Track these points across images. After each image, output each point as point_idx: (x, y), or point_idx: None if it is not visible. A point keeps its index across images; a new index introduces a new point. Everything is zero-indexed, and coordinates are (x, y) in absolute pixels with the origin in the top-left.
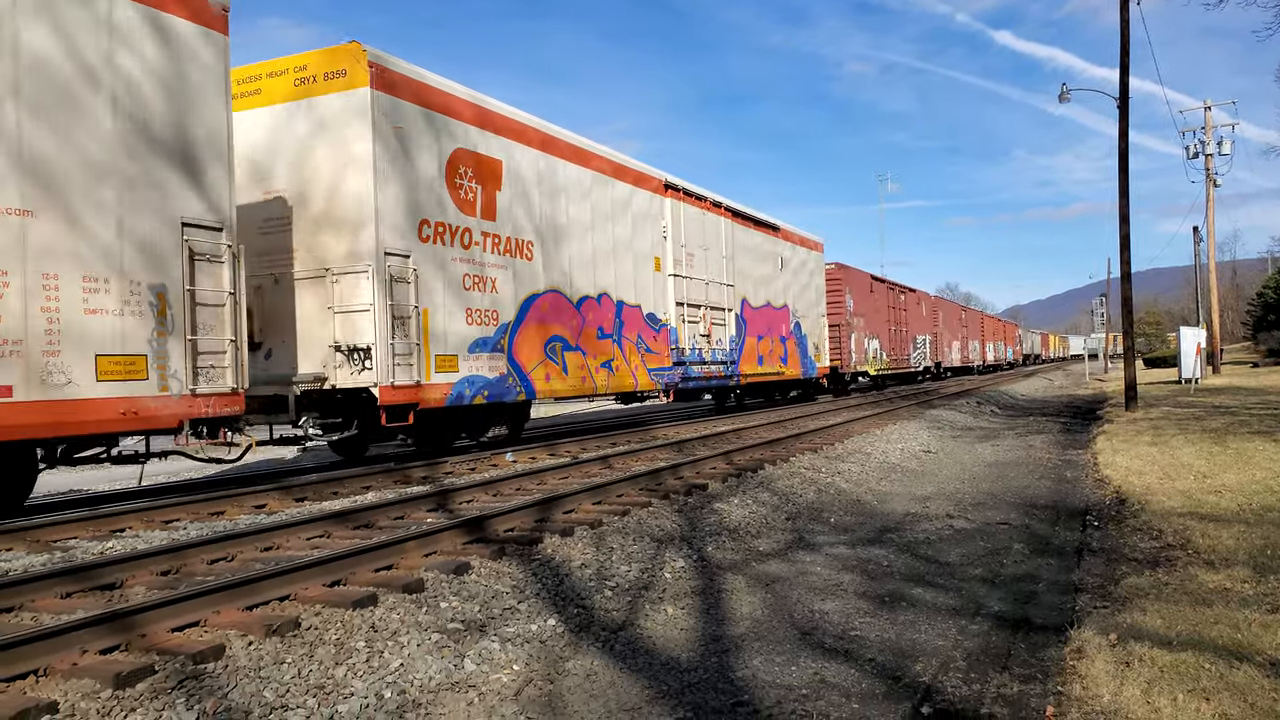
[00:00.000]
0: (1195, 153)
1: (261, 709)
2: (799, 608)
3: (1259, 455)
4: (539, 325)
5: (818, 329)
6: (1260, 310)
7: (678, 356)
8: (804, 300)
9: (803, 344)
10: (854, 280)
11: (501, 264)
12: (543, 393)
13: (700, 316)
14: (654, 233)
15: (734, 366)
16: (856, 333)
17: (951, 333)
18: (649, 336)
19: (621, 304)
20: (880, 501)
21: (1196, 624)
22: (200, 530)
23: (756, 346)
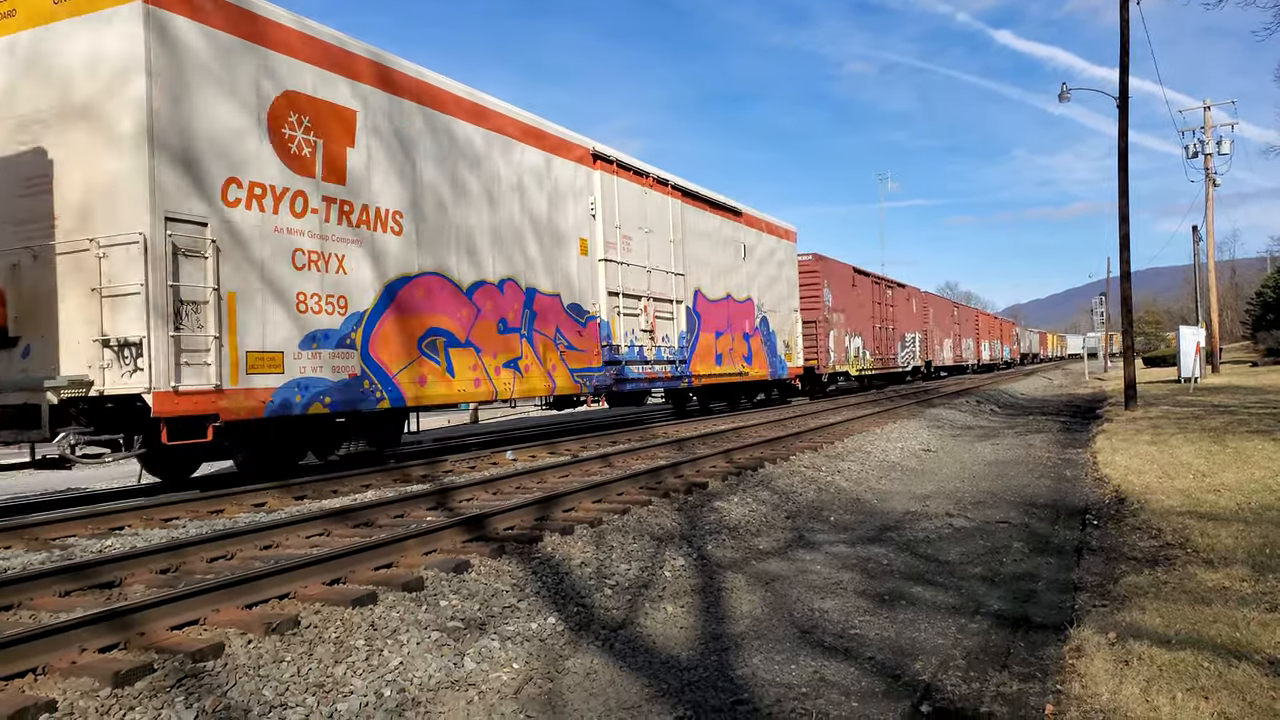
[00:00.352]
0: (1195, 152)
1: (261, 707)
2: (799, 606)
3: (1258, 454)
4: (411, 316)
5: (789, 325)
6: (1259, 309)
7: (611, 354)
8: (772, 294)
9: (770, 342)
10: (833, 273)
11: (353, 238)
12: (417, 399)
13: (641, 309)
14: (579, 210)
15: (685, 366)
16: (836, 330)
17: (943, 330)
18: (571, 331)
19: (533, 292)
20: (880, 500)
21: (1195, 623)
22: (199, 528)
23: (714, 344)
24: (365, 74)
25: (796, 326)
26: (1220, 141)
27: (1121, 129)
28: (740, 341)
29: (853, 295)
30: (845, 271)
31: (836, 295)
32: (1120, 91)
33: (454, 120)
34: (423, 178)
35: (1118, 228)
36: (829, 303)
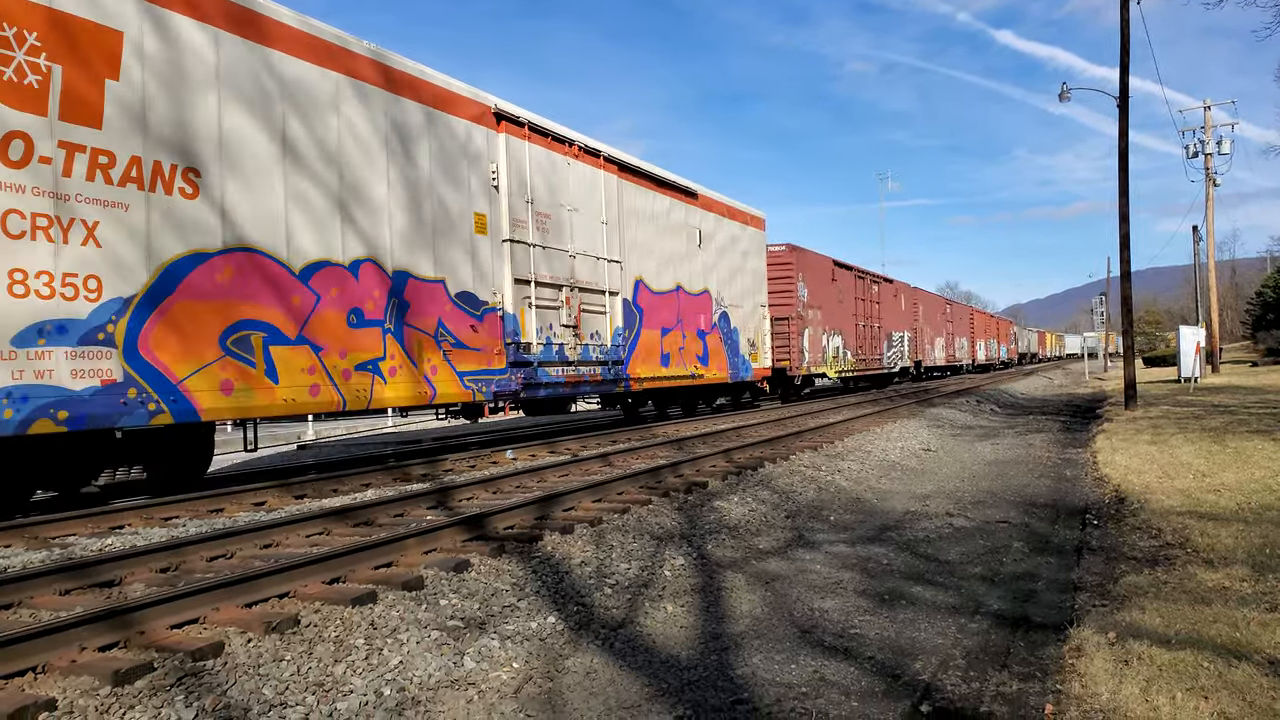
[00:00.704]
0: (1195, 152)
1: (261, 706)
2: (799, 606)
3: (1258, 454)
4: (210, 304)
5: (755, 322)
6: (1259, 309)
7: (518, 354)
8: (735, 286)
9: (731, 340)
10: (809, 265)
11: (115, 200)
12: (216, 411)
13: (561, 300)
14: (476, 179)
15: (621, 368)
16: (812, 328)
17: (935, 329)
18: (461, 326)
19: (405, 277)
20: (880, 499)
21: (1195, 622)
22: (199, 527)
23: (660, 342)
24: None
25: (764, 324)
26: (1220, 141)
27: (1122, 129)
28: (694, 340)
29: (832, 290)
30: (823, 264)
31: (813, 290)
32: (1120, 91)
33: (285, 57)
34: (233, 125)
35: (1118, 227)
36: (804, 298)
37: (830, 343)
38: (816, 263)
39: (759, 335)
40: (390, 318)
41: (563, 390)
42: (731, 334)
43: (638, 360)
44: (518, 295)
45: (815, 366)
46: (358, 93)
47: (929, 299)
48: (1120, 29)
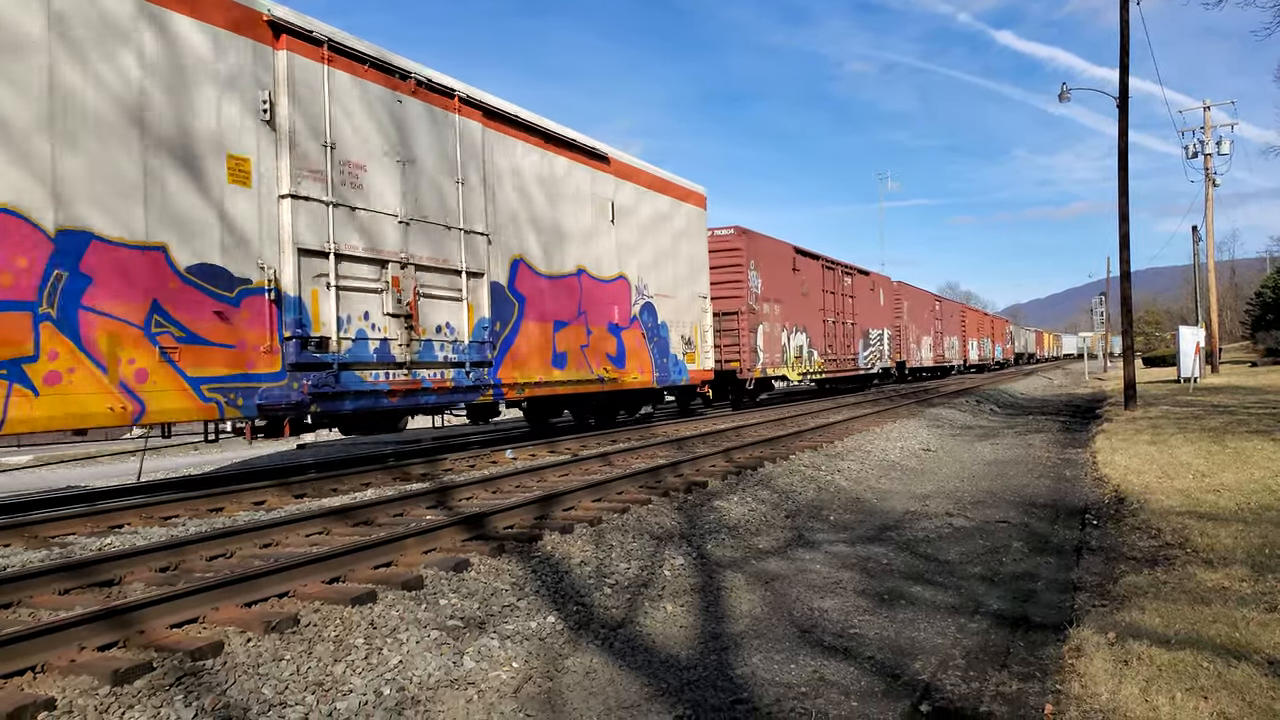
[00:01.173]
0: (1194, 152)
1: (260, 706)
2: (798, 605)
3: (1257, 454)
4: None
5: (692, 316)
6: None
7: (304, 352)
8: (664, 273)
9: (658, 336)
10: (764, 252)
11: None
12: None
13: (385, 281)
14: (233, 108)
15: (489, 371)
16: (769, 324)
17: (922, 327)
18: (196, 312)
19: (83, 240)
20: (880, 499)
21: (1195, 623)
22: (199, 526)
23: (552, 339)
24: None
25: (705, 318)
26: (1220, 141)
27: (1121, 129)
28: (604, 336)
29: (794, 282)
30: (782, 251)
31: (769, 280)
32: (1120, 91)
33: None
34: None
35: (1118, 227)
36: (757, 289)
37: (792, 341)
38: (773, 250)
39: (697, 332)
40: (49, 299)
41: (386, 401)
42: (658, 330)
43: (516, 361)
44: (307, 272)
45: (773, 368)
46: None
47: (914, 294)
48: (1120, 29)
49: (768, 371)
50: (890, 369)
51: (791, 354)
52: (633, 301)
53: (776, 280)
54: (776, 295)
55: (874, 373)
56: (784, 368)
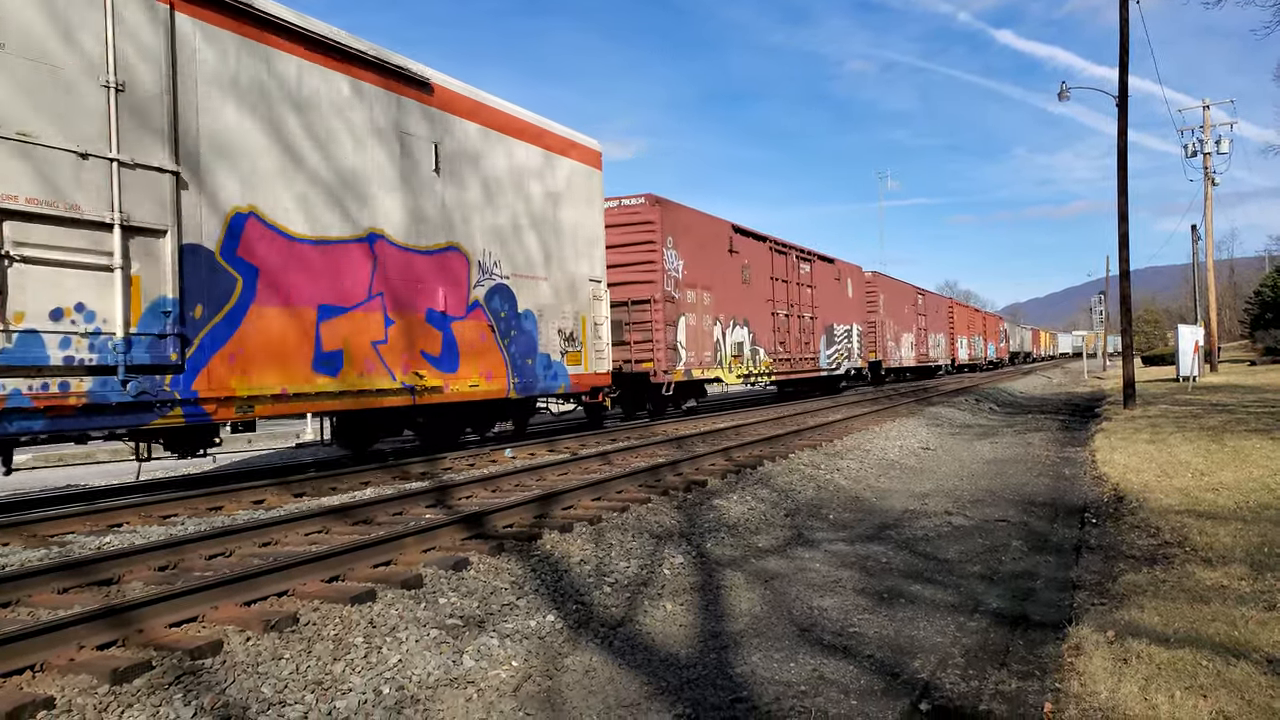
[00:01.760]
0: (1193, 151)
1: (259, 705)
2: (798, 604)
3: (1256, 453)
4: None
5: (578, 304)
6: (1257, 308)
7: None
8: (530, 248)
9: (519, 331)
10: (687, 228)
11: None
12: None
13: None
14: None
15: (180, 380)
16: (694, 315)
17: (901, 323)
18: None
19: None
20: (879, 498)
21: (1194, 621)
22: (198, 525)
23: (313, 332)
24: None
25: (599, 308)
26: (1219, 141)
27: (1121, 128)
28: (419, 328)
29: (731, 266)
30: (714, 229)
31: (696, 263)
32: (1119, 90)
33: None
34: None
35: (1117, 226)
36: (677, 273)
37: (729, 337)
38: (702, 226)
39: (587, 326)
40: None
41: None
42: (519, 322)
43: (239, 363)
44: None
45: (701, 369)
46: None
47: (893, 286)
48: (1119, 28)
49: (693, 373)
50: (862, 369)
51: (728, 352)
52: (473, 283)
53: (706, 263)
54: (706, 281)
55: (839, 374)
56: (717, 368)
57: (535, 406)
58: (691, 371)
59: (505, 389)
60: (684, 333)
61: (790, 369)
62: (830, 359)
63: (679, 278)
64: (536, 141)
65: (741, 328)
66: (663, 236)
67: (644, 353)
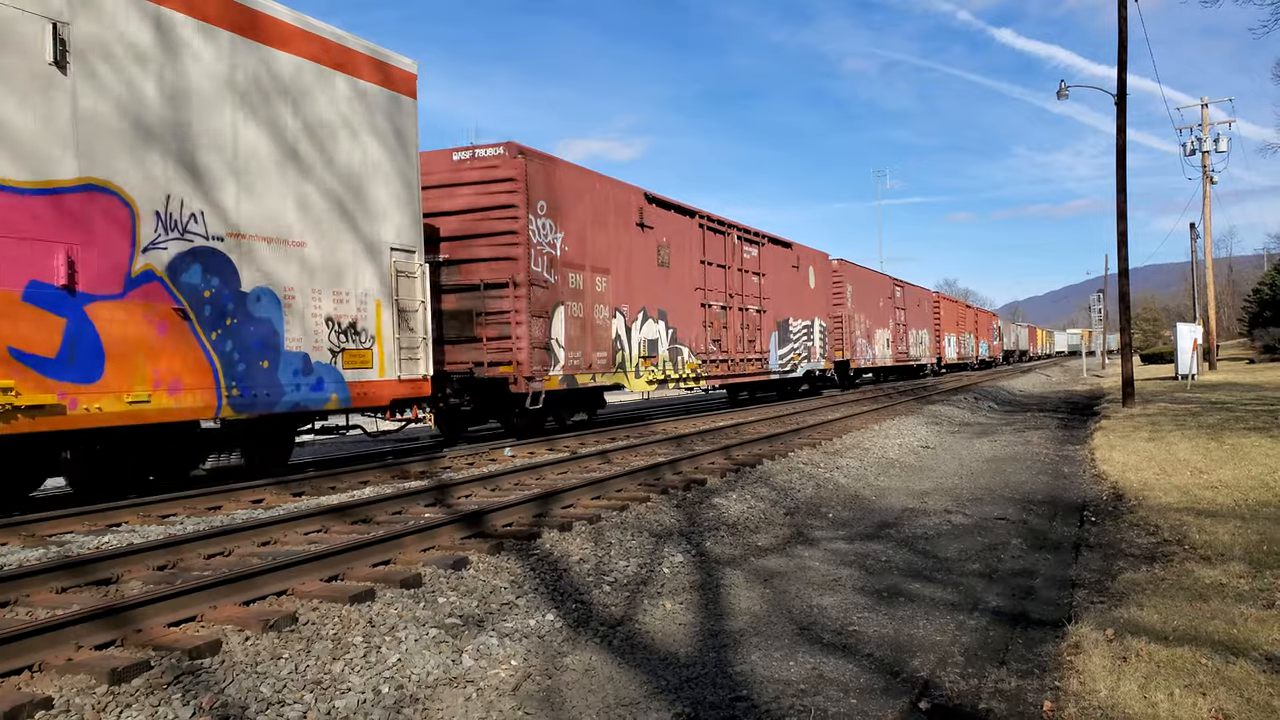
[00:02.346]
0: (1192, 149)
1: (259, 704)
2: (797, 603)
3: (1255, 451)
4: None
5: (366, 284)
6: (1256, 307)
7: None
8: (268, 195)
9: (240, 319)
10: (571, 192)
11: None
12: None
13: None
14: None
15: None
16: (581, 305)
17: (875, 318)
18: None
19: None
20: (878, 496)
21: (1193, 619)
22: (197, 525)
23: None
24: None
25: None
26: (1218, 139)
27: (1120, 126)
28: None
29: (640, 245)
30: (614, 196)
31: (583, 237)
32: (1118, 89)
33: None
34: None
35: (1116, 224)
36: (553, 249)
37: (637, 333)
38: (595, 191)
39: (380, 313)
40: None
41: None
42: (243, 305)
43: None
44: None
45: (591, 372)
46: None
47: (865, 277)
48: (1118, 27)
49: (578, 379)
50: (826, 371)
51: (634, 352)
52: (143, 243)
53: (601, 238)
54: (600, 261)
55: (795, 377)
56: (617, 373)
57: (294, 429)
58: (575, 377)
59: (212, 405)
60: (562, 326)
61: (728, 372)
62: (783, 359)
63: (555, 255)
64: (292, 44)
65: (656, 322)
66: (529, 200)
67: (501, 352)
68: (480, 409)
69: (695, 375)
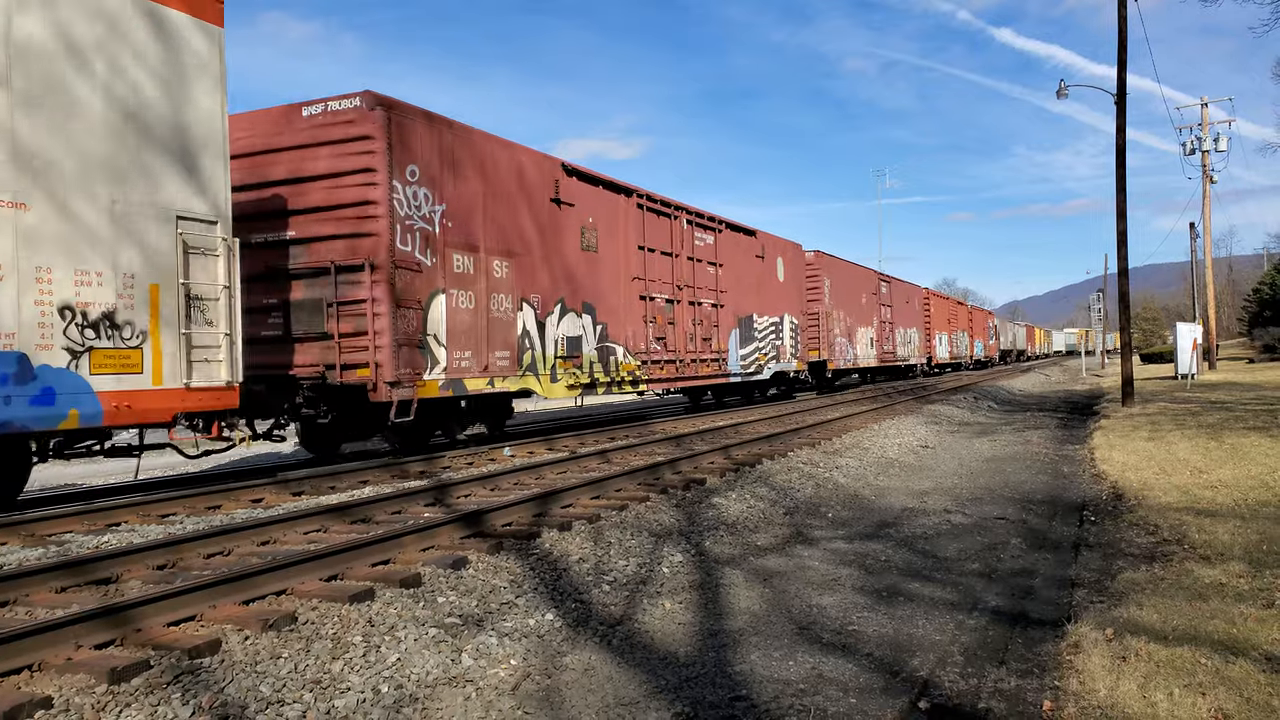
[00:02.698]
0: (1192, 149)
1: (258, 704)
2: (797, 602)
3: (1254, 450)
4: None
5: (130, 260)
6: (1256, 306)
7: None
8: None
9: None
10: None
11: None
12: None
13: None
14: None
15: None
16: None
17: (856, 315)
18: None
19: None
20: (878, 496)
21: (1193, 619)
22: (196, 524)
23: None
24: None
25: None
26: (1217, 138)
27: (1119, 125)
28: None
29: (558, 225)
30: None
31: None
32: (1118, 88)
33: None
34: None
35: (1115, 224)
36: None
37: (553, 328)
38: (493, 157)
39: (156, 300)
40: None
41: None
42: None
43: None
44: None
45: (487, 376)
46: None
47: (845, 270)
48: (1117, 26)
49: (466, 384)
50: (799, 372)
51: (549, 350)
52: None
53: (502, 214)
54: (502, 243)
55: (760, 379)
56: (525, 376)
57: (17, 457)
58: (464, 381)
59: None
60: (444, 320)
61: (677, 374)
62: (747, 360)
63: (433, 232)
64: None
65: (580, 316)
66: (394, 163)
67: (357, 352)
68: (345, 422)
69: (633, 378)
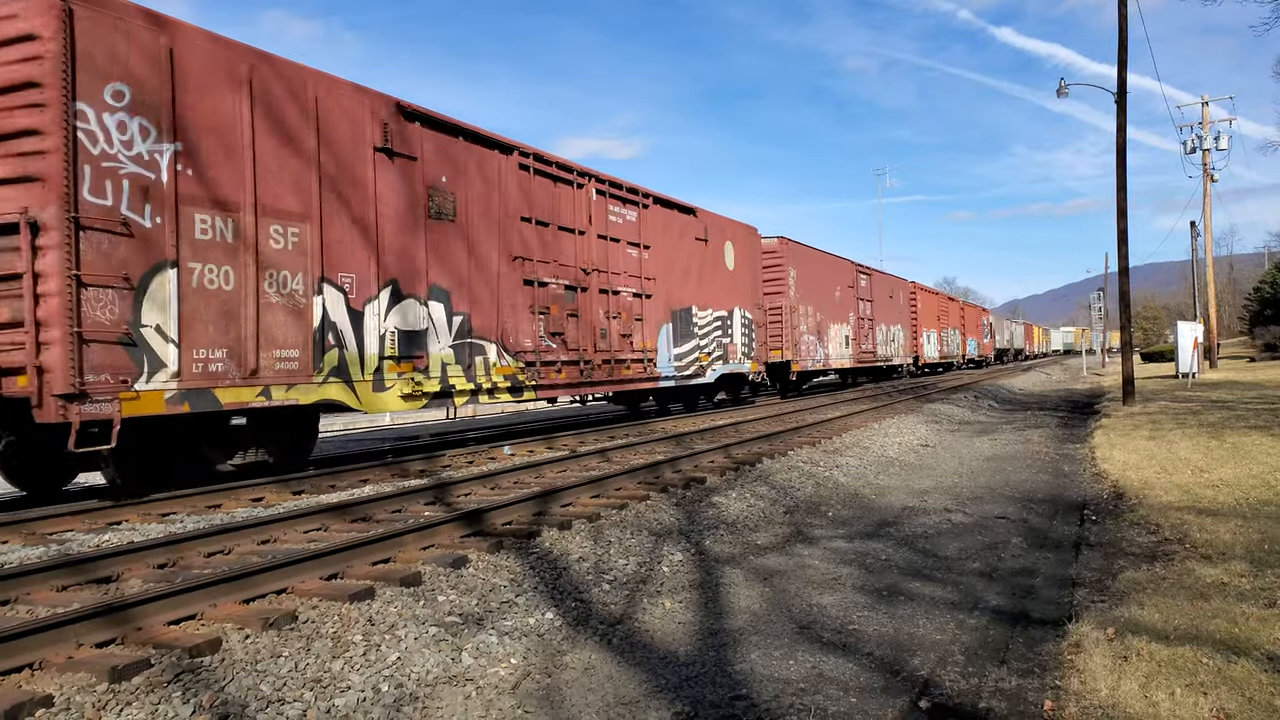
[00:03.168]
0: (1193, 148)
1: (258, 702)
2: (797, 601)
3: (1256, 450)
4: None
5: None
6: (1257, 305)
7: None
8: None
9: None
10: (227, 77)
11: None
12: None
13: None
14: None
15: None
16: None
17: (831, 311)
18: None
19: None
20: (878, 495)
21: (1194, 618)
22: (197, 523)
23: None
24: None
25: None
26: (1218, 137)
27: (1120, 124)
28: None
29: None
30: (318, 94)
31: (224, 153)
32: (1118, 87)
33: None
34: None
35: (1116, 223)
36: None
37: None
38: (262, 80)
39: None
40: None
41: None
42: None
43: None
44: None
45: (265, 383)
46: None
47: (814, 259)
48: (1118, 25)
49: (218, 395)
50: (754, 374)
51: (369, 348)
52: None
53: (290, 162)
54: (290, 201)
55: (704, 382)
56: (329, 383)
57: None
58: (213, 393)
59: None
60: (174, 304)
61: (582, 378)
62: (683, 360)
63: (158, 182)
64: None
65: (424, 304)
66: (74, 75)
67: (11, 350)
68: (40, 448)
69: (513, 384)
